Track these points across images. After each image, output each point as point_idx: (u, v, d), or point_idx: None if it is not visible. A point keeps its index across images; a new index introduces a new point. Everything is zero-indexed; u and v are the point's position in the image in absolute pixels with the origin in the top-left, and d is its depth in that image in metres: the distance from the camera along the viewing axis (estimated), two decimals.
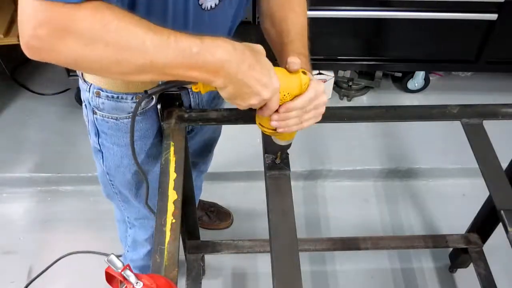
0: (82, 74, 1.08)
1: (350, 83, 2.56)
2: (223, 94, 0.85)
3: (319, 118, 0.96)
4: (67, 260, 1.83)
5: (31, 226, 2.10)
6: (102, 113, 1.11)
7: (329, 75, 2.44)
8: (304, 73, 0.90)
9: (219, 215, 2.04)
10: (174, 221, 1.00)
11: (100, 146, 1.20)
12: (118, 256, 0.76)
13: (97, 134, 1.17)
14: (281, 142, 1.04)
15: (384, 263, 2.01)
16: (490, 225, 1.71)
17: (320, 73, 2.43)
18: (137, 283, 0.75)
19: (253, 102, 0.85)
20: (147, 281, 0.76)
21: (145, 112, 1.13)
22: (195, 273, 1.73)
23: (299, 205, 2.19)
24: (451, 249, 1.93)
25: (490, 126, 1.26)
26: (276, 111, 0.90)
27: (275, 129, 0.95)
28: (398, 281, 1.96)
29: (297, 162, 2.22)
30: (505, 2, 2.08)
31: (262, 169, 1.12)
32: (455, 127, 1.30)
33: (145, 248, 1.54)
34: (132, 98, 1.07)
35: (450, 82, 2.70)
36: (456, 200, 2.23)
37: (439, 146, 2.35)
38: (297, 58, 0.90)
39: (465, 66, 2.48)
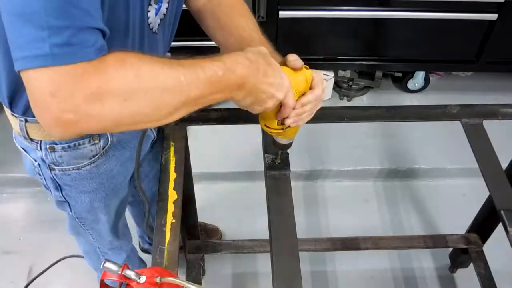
0: (27, 134, 0.98)
1: (350, 83, 2.55)
2: (240, 104, 0.85)
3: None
4: (67, 261, 1.83)
5: (31, 226, 2.10)
6: (61, 167, 1.04)
7: (329, 75, 2.44)
8: (307, 68, 0.92)
9: (206, 232, 2.02)
10: (174, 221, 1.00)
11: (65, 198, 1.14)
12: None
13: (59, 188, 1.11)
14: (284, 140, 1.05)
15: (384, 263, 2.01)
16: (490, 225, 1.72)
17: None
18: (139, 278, 0.76)
19: (270, 105, 0.86)
20: (148, 273, 0.77)
21: (106, 152, 1.07)
22: (195, 273, 1.73)
23: (299, 205, 2.19)
24: (451, 249, 1.93)
25: (490, 126, 1.26)
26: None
27: (281, 129, 0.96)
28: (398, 281, 1.96)
29: (297, 162, 2.21)
30: (505, 2, 2.08)
31: (262, 169, 1.12)
32: (455, 127, 1.30)
33: None
34: (89, 141, 1.02)
35: (450, 82, 2.69)
36: (456, 200, 2.22)
37: (439, 146, 2.35)
38: (296, 55, 0.91)
39: (465, 66, 2.48)
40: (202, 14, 1.07)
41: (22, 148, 1.07)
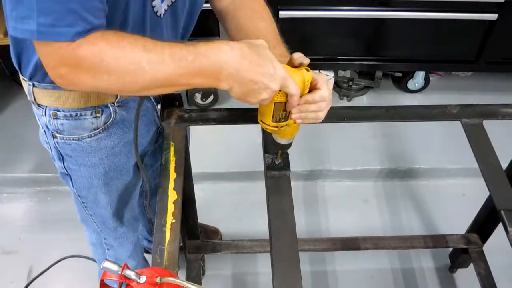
0: (34, 99, 1.04)
1: (350, 83, 2.56)
2: (232, 95, 0.85)
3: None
4: (67, 261, 1.83)
5: (31, 226, 2.10)
6: (63, 135, 1.07)
7: (329, 75, 2.44)
8: (308, 70, 0.91)
9: (206, 233, 2.02)
10: (174, 221, 1.00)
11: (67, 170, 1.16)
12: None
13: (61, 158, 1.13)
14: (282, 140, 1.04)
15: (384, 263, 2.01)
16: (490, 225, 1.71)
17: (320, 73, 2.43)
18: (139, 278, 0.76)
19: (265, 96, 0.85)
20: (148, 273, 0.77)
21: (107, 128, 1.08)
22: (195, 273, 1.73)
23: (299, 205, 2.19)
24: (451, 249, 1.93)
25: (490, 126, 1.26)
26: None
27: (276, 127, 0.95)
28: (398, 281, 1.96)
29: (297, 162, 2.21)
30: (505, 2, 2.08)
31: (262, 169, 1.12)
32: (455, 127, 1.30)
33: (130, 265, 1.52)
34: (91, 114, 1.04)
35: (450, 82, 2.69)
36: (456, 200, 2.22)
37: (439, 146, 2.35)
38: (301, 54, 0.91)
39: (465, 66, 2.48)
40: (224, 15, 1.09)
41: (36, 115, 1.10)
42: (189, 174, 1.41)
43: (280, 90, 0.87)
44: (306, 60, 0.90)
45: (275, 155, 1.10)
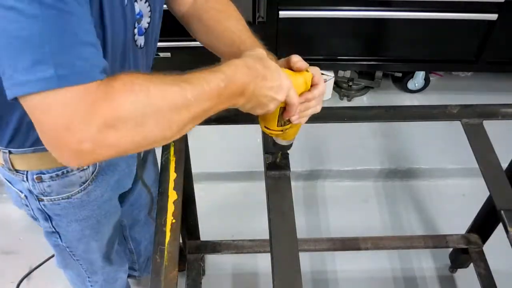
0: (11, 166, 0.94)
1: (350, 83, 2.55)
2: (242, 109, 0.85)
3: None
4: None
5: (31, 226, 2.09)
6: (50, 197, 1.00)
7: (329, 75, 2.44)
8: (307, 70, 0.92)
9: None
10: (174, 221, 1.00)
11: (55, 228, 1.11)
12: None
13: (48, 218, 1.07)
14: (285, 142, 1.05)
15: (384, 263, 2.01)
16: (490, 225, 1.71)
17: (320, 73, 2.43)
18: None
19: (272, 107, 0.86)
20: None
21: (95, 178, 1.04)
22: (195, 273, 1.73)
23: (299, 205, 2.19)
24: (451, 249, 1.93)
25: (490, 126, 1.26)
26: None
27: (281, 130, 0.96)
28: (398, 281, 1.96)
29: (297, 162, 2.21)
30: (505, 2, 2.08)
31: (262, 169, 1.12)
32: (455, 127, 1.30)
33: None
34: (77, 168, 0.98)
35: (450, 82, 2.69)
36: (456, 200, 2.22)
37: (439, 146, 2.35)
38: (299, 57, 0.91)
39: (465, 66, 2.48)
40: (188, 19, 1.06)
41: (6, 179, 1.01)
42: (189, 174, 1.41)
43: None
44: (305, 65, 0.91)
45: (275, 155, 1.10)
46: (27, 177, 0.96)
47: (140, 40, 0.91)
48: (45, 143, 0.63)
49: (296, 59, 0.91)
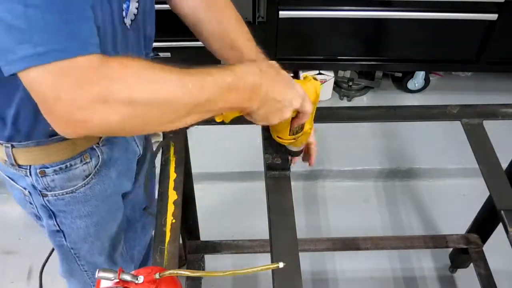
0: (14, 160, 0.94)
1: (350, 83, 2.55)
2: (256, 117, 0.86)
3: None
4: None
5: (31, 226, 2.09)
6: (54, 192, 1.00)
7: (329, 75, 2.44)
8: (314, 79, 0.94)
9: None
10: (174, 221, 1.00)
11: (59, 226, 1.09)
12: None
13: (53, 216, 1.06)
14: (295, 148, 1.08)
15: (384, 263, 2.01)
16: (490, 225, 1.71)
17: (320, 73, 2.43)
18: (137, 279, 0.76)
19: (287, 115, 0.87)
20: (145, 272, 0.77)
21: (98, 171, 1.03)
22: None
23: (299, 205, 2.19)
24: (451, 249, 1.93)
25: (490, 126, 1.26)
26: None
27: (294, 139, 0.99)
28: (398, 281, 1.96)
29: (297, 162, 2.21)
30: (505, 2, 2.08)
31: (262, 169, 1.12)
32: (455, 127, 1.30)
33: None
34: (80, 161, 0.98)
35: (450, 82, 2.69)
36: (456, 200, 2.22)
37: (439, 146, 2.35)
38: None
39: (465, 66, 2.48)
40: (195, 20, 1.05)
41: (9, 177, 1.01)
42: (189, 174, 1.41)
43: None
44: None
45: (286, 160, 1.11)
46: (30, 172, 0.96)
47: (128, 21, 0.90)
48: (43, 112, 0.66)
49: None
